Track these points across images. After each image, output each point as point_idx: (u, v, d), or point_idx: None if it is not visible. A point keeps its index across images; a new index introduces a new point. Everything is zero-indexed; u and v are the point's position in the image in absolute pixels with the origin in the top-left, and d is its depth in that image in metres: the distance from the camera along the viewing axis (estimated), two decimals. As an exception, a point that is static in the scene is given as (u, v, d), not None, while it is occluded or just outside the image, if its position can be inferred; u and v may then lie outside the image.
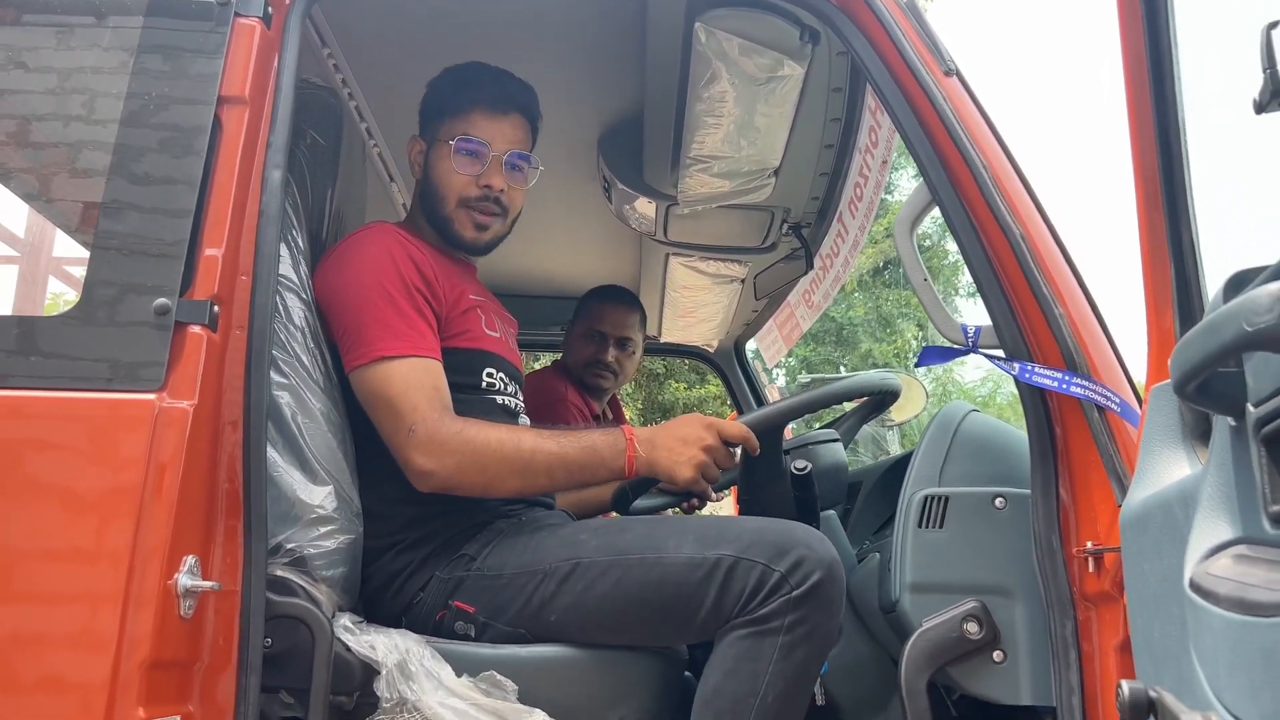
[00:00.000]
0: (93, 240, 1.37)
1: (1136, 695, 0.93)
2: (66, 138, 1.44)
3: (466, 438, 1.59)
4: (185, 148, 1.40)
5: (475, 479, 1.60)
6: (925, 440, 1.59)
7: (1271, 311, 0.71)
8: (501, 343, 1.85)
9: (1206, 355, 0.78)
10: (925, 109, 1.49)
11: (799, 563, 1.45)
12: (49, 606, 1.22)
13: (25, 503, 1.24)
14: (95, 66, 1.43)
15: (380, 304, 1.64)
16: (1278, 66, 0.91)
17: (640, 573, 1.52)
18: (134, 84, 1.42)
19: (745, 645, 1.44)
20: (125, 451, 1.27)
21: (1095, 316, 1.41)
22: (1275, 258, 0.84)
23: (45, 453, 1.27)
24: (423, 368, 1.63)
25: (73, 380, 1.30)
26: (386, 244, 1.70)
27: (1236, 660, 0.77)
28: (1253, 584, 0.77)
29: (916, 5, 1.53)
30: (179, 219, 1.37)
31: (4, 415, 1.28)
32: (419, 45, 2.13)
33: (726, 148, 2.10)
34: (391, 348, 1.62)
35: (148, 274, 1.34)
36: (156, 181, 1.39)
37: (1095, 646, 1.34)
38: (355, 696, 1.49)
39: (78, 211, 1.62)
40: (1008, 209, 1.42)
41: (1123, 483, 1.29)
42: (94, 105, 1.43)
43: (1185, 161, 1.18)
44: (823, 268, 2.70)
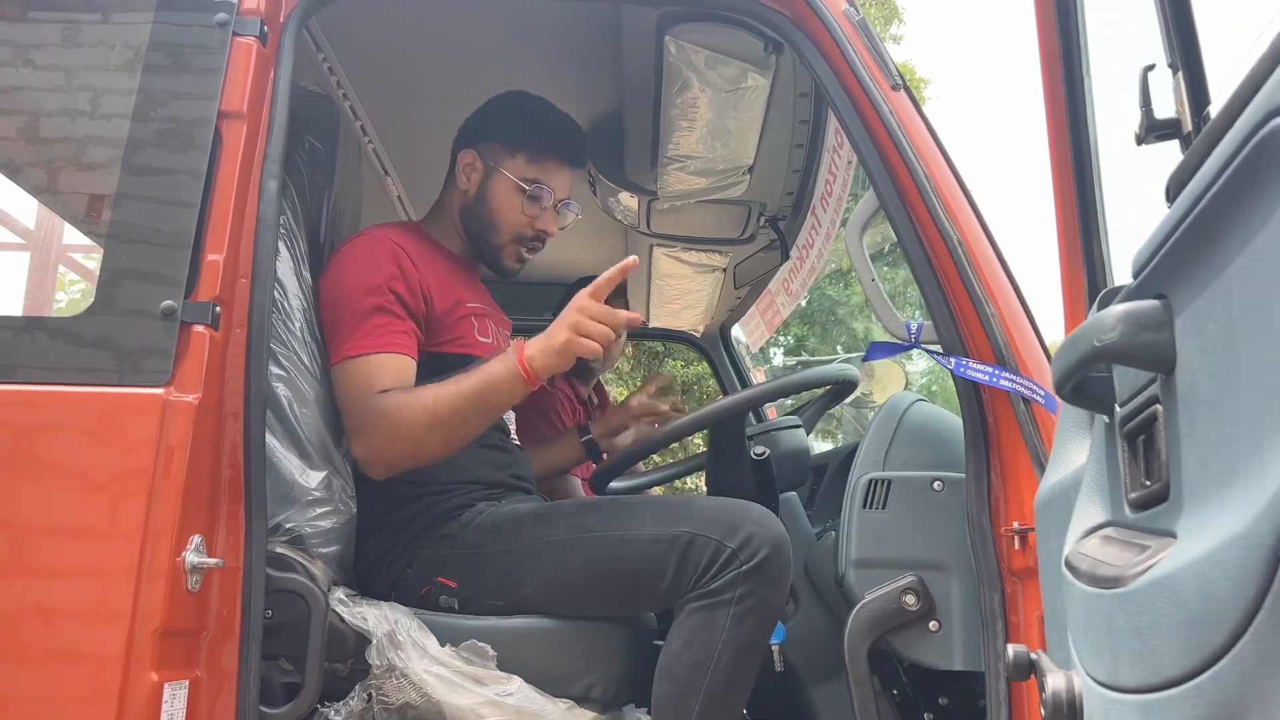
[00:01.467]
0: (104, 246, 1.49)
1: (1019, 657, 1.06)
2: (78, 150, 1.57)
3: (382, 412, 1.69)
4: (188, 160, 1.52)
5: (401, 448, 1.70)
6: (873, 427, 1.71)
7: (1114, 330, 0.83)
8: (492, 348, 1.93)
9: (1072, 363, 0.90)
10: (874, 121, 1.60)
11: (749, 539, 1.58)
12: (70, 580, 1.35)
13: (47, 487, 1.37)
14: (103, 87, 1.54)
15: (353, 307, 1.74)
16: (1152, 105, 1.02)
17: (607, 549, 1.65)
18: (139, 100, 1.54)
19: (700, 617, 1.57)
20: (137, 440, 1.39)
21: (1025, 315, 1.53)
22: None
23: (64, 442, 1.40)
24: (373, 363, 1.72)
25: (88, 375, 1.42)
26: (373, 252, 1.80)
27: (1088, 626, 0.90)
28: (1105, 561, 0.89)
29: (868, 24, 1.64)
30: (183, 227, 1.49)
31: (25, 407, 1.41)
32: (410, 48, 2.25)
33: (701, 148, 2.22)
34: (351, 348, 1.73)
35: (155, 278, 1.47)
36: (162, 191, 1.50)
37: (1021, 617, 1.47)
38: (349, 664, 1.62)
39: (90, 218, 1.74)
40: (947, 216, 1.53)
41: (1044, 468, 1.42)
42: (103, 120, 1.55)
43: (1097, 181, 1.30)
44: (799, 258, 2.82)
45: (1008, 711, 1.43)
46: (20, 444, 1.39)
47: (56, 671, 1.33)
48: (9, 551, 1.35)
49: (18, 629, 1.33)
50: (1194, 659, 0.72)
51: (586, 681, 1.65)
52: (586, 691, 1.64)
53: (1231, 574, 0.67)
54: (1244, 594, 0.66)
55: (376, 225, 1.94)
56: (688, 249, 2.94)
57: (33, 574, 1.35)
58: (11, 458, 1.38)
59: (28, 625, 1.33)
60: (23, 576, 1.35)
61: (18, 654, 1.32)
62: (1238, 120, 0.69)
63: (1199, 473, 0.77)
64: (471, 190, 1.98)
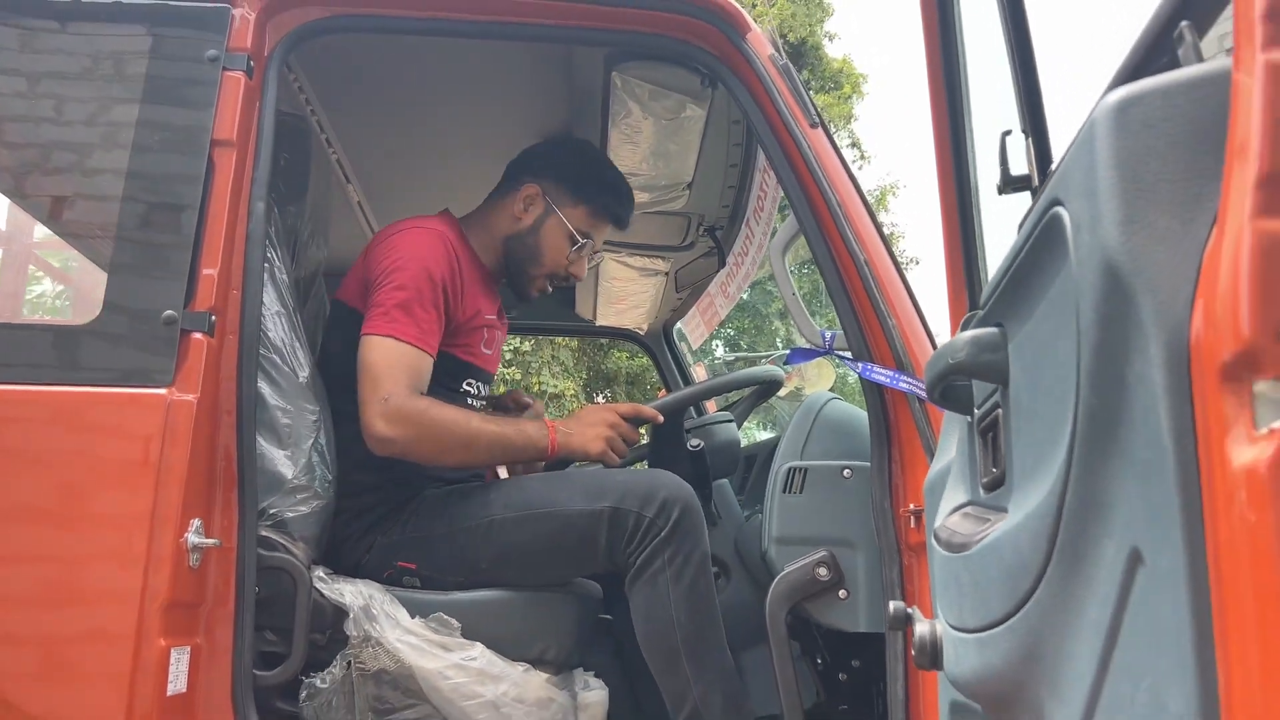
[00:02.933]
0: (110, 264, 1.67)
1: (897, 611, 1.30)
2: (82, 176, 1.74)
3: (429, 415, 1.89)
4: (185, 184, 1.69)
5: (428, 449, 1.90)
6: (793, 422, 1.95)
7: (963, 351, 1.06)
8: (491, 359, 2.15)
9: (935, 375, 1.14)
10: (794, 155, 1.83)
11: (663, 504, 1.81)
12: (87, 559, 1.54)
13: (64, 479, 1.55)
14: (109, 121, 1.71)
15: (410, 291, 1.92)
16: (1009, 165, 1.26)
17: (546, 524, 1.87)
18: (139, 131, 1.71)
19: (646, 591, 1.80)
20: (144, 436, 1.58)
21: (922, 326, 1.77)
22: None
23: (78, 438, 1.58)
24: (415, 355, 1.92)
25: (99, 377, 1.60)
26: (437, 245, 1.99)
27: (945, 584, 1.14)
28: (959, 532, 1.13)
29: (790, 67, 1.87)
30: (182, 244, 1.66)
31: (43, 406, 1.58)
32: (372, 66, 2.43)
33: (644, 167, 2.43)
34: (400, 330, 1.91)
35: (157, 290, 1.64)
36: (162, 213, 1.68)
37: (916, 586, 1.71)
38: (327, 635, 1.81)
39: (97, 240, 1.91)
40: (855, 240, 1.77)
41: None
42: (105, 150, 1.72)
43: (978, 218, 1.54)
44: (735, 264, 3.05)
45: (904, 666, 1.67)
46: (39, 439, 1.57)
47: (78, 638, 1.52)
48: (32, 535, 1.53)
49: (44, 602, 1.51)
50: (1011, 602, 0.96)
51: (540, 646, 1.87)
52: (541, 655, 1.86)
53: (1032, 537, 0.91)
54: (1039, 552, 0.89)
55: (431, 218, 2.10)
56: (632, 254, 3.15)
57: (53, 555, 1.53)
58: (31, 451, 1.56)
59: (53, 599, 1.51)
60: (45, 558, 1.53)
61: (45, 625, 1.51)
62: (1041, 198, 0.93)
63: (1021, 462, 1.01)
64: (526, 221, 2.15)
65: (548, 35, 1.95)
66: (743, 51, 1.85)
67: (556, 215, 2.13)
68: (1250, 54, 0.66)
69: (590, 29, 1.93)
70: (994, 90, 1.39)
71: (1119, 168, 0.72)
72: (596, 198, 2.15)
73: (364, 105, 2.60)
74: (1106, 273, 0.73)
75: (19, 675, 1.50)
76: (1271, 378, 0.62)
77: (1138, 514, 0.74)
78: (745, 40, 1.86)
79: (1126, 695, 0.76)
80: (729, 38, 1.87)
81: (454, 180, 3.02)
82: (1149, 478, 0.71)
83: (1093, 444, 0.79)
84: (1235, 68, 0.68)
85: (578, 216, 2.14)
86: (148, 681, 1.50)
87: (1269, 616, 0.60)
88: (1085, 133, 0.77)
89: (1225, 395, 0.64)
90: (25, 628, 1.51)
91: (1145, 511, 0.72)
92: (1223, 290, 0.64)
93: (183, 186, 1.69)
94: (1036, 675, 0.93)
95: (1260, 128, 0.65)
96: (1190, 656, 0.66)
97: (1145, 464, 0.72)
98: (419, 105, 2.55)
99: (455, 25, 1.92)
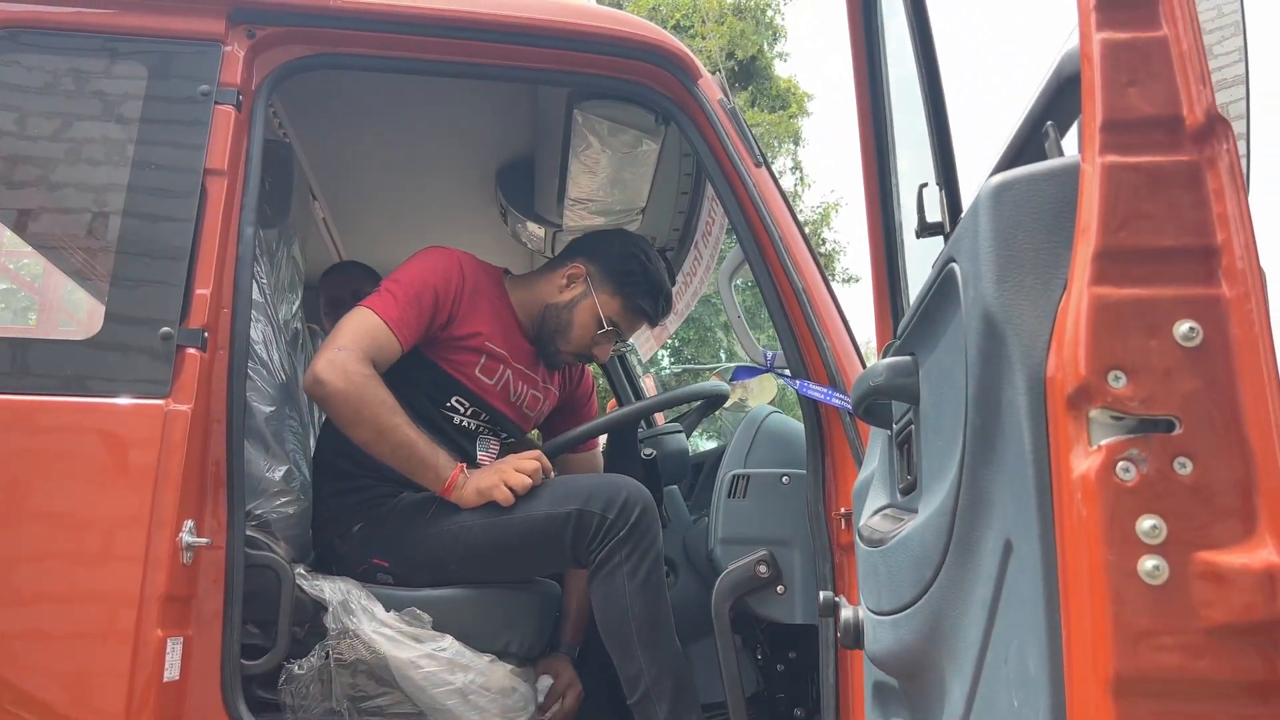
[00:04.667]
0: (109, 283, 1.80)
1: (827, 599, 1.49)
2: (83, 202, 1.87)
3: (364, 383, 1.99)
4: (180, 209, 1.82)
5: (345, 411, 2.00)
6: (737, 433, 2.14)
7: (882, 375, 1.25)
8: (492, 389, 2.23)
9: (858, 395, 1.33)
10: (740, 191, 2.01)
11: (623, 506, 1.97)
12: (90, 557, 1.67)
13: (70, 485, 1.68)
14: (108, 151, 1.84)
15: (403, 285, 2.10)
16: (925, 214, 1.46)
17: (512, 529, 2.02)
18: (135, 161, 1.83)
19: (604, 586, 1.97)
20: (143, 443, 1.71)
21: (854, 347, 1.96)
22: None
23: (84, 446, 1.71)
24: (384, 332, 2.06)
25: (101, 388, 1.73)
26: (442, 259, 2.18)
27: (865, 574, 1.33)
28: (879, 530, 1.32)
29: (737, 111, 2.06)
30: (177, 266, 1.80)
31: (50, 416, 1.71)
32: (346, 97, 2.57)
33: (601, 194, 2.61)
34: (381, 308, 2.07)
35: (154, 309, 1.78)
36: (159, 237, 1.81)
37: (847, 582, 1.90)
38: (306, 627, 1.95)
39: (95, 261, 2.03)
40: (795, 268, 1.95)
41: (863, 467, 1.85)
42: (107, 176, 1.85)
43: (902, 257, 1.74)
44: (684, 283, 3.23)
45: (834, 653, 1.86)
46: (46, 446, 1.70)
47: (83, 630, 1.65)
48: (40, 536, 1.66)
49: (52, 598, 1.64)
50: (918, 588, 1.15)
51: (505, 639, 2.03)
52: (505, 647, 2.02)
53: (934, 532, 1.10)
54: (939, 544, 1.08)
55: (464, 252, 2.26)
56: (586, 272, 3.32)
57: (59, 554, 1.66)
58: (39, 458, 1.69)
59: (60, 595, 1.64)
60: (51, 557, 1.66)
61: (53, 618, 1.64)
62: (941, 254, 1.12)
63: (928, 470, 1.20)
64: (565, 296, 2.30)
65: (515, 76, 2.12)
66: (694, 95, 2.04)
67: (593, 298, 2.28)
68: (1092, 154, 0.86)
69: (555, 70, 2.10)
70: (916, 144, 1.59)
71: (995, 237, 0.92)
72: (634, 295, 2.29)
73: (336, 129, 2.74)
74: (985, 319, 0.92)
75: (28, 665, 1.62)
76: (1100, 406, 0.81)
77: (1010, 511, 0.93)
78: (697, 85, 2.05)
79: (1001, 657, 0.95)
80: (682, 82, 2.04)
81: (421, 201, 3.17)
82: (1017, 482, 0.91)
83: (977, 455, 0.98)
84: (1082, 162, 0.88)
85: (613, 306, 2.29)
86: (146, 669, 1.63)
87: (1097, 589, 0.80)
88: (972, 207, 0.96)
89: (1069, 419, 0.83)
90: (34, 621, 1.64)
91: (1015, 508, 0.92)
92: (1068, 338, 0.84)
93: (178, 212, 1.82)
94: (939, 648, 1.12)
95: (1098, 213, 0.85)
96: (1043, 622, 0.85)
97: (1014, 471, 0.91)
98: (390, 129, 2.70)
99: (428, 65, 2.08)
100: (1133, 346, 0.81)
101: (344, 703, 1.93)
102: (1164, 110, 0.85)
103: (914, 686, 1.26)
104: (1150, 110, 0.85)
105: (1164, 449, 0.79)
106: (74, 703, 1.62)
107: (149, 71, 1.88)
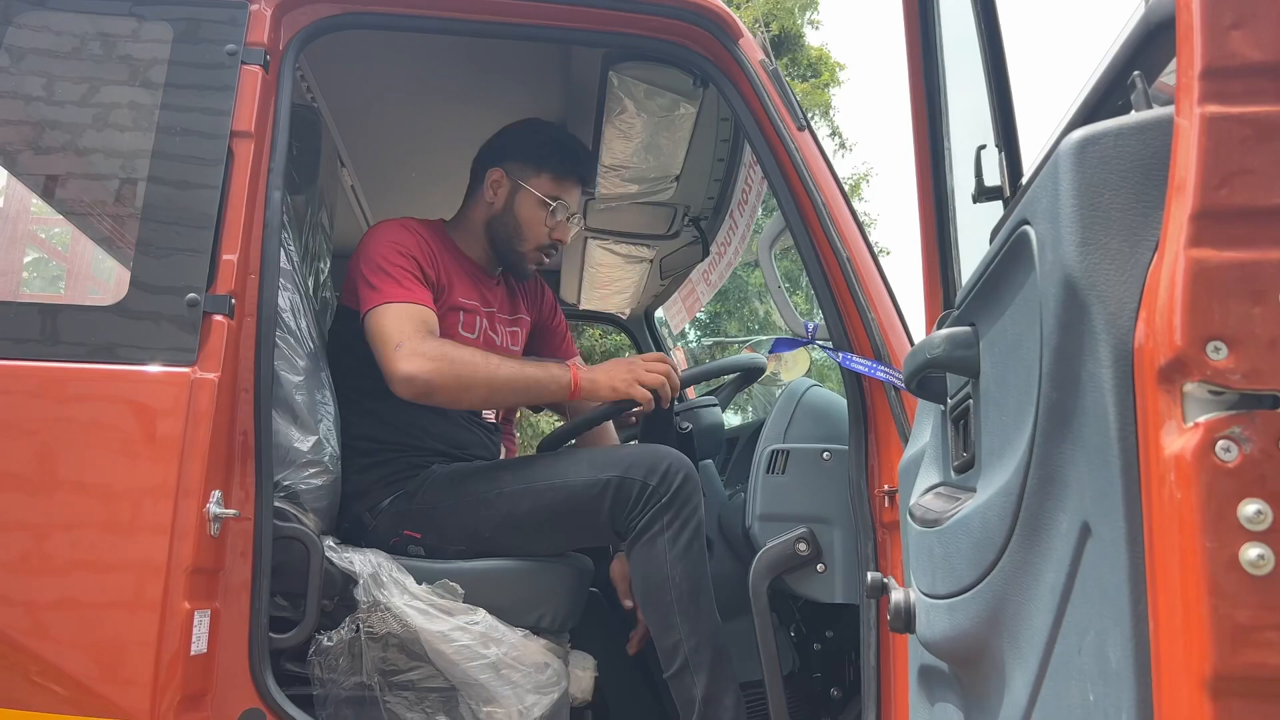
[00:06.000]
0: (134, 248, 1.75)
1: (874, 580, 1.43)
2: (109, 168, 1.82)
3: (448, 351, 2.00)
4: (206, 174, 1.78)
5: (450, 384, 1.98)
6: (776, 407, 2.07)
7: (939, 347, 1.19)
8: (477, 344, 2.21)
9: (913, 368, 1.26)
10: (782, 156, 1.94)
11: (665, 472, 1.93)
12: (117, 527, 1.63)
13: (94, 455, 1.64)
14: (132, 112, 1.80)
15: (386, 265, 2.06)
16: (983, 176, 1.38)
17: (551, 495, 1.99)
18: (161, 123, 1.79)
19: (645, 552, 1.92)
20: (169, 412, 1.67)
21: (899, 319, 1.89)
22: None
23: (109, 414, 1.67)
24: (412, 308, 2.04)
25: (126, 356, 1.69)
26: (397, 229, 2.15)
27: (918, 555, 1.27)
28: (933, 509, 1.26)
29: (779, 72, 1.98)
30: (204, 231, 1.75)
31: (72, 384, 1.67)
32: (376, 62, 2.51)
33: (635, 160, 2.54)
34: (388, 295, 2.04)
35: (181, 275, 1.73)
36: (185, 201, 1.77)
37: (889, 560, 1.84)
38: (335, 600, 1.92)
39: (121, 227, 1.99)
40: (839, 237, 1.88)
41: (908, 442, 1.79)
42: (131, 138, 1.80)
43: (953, 223, 1.66)
44: (718, 254, 3.17)
45: (876, 634, 1.81)
46: (69, 415, 1.66)
47: (110, 602, 1.62)
48: (63, 506, 1.62)
49: (77, 568, 1.61)
50: (978, 571, 1.08)
51: (538, 613, 1.98)
52: (538, 622, 1.98)
53: (998, 513, 1.03)
54: (1004, 525, 1.02)
55: (406, 218, 2.24)
56: (619, 242, 3.26)
57: (84, 523, 1.63)
58: (61, 427, 1.65)
59: (85, 565, 1.61)
60: (75, 527, 1.62)
61: (78, 590, 1.60)
62: (1013, 213, 1.05)
63: (989, 447, 1.13)
64: (498, 204, 2.29)
65: (549, 36, 2.05)
66: (735, 56, 1.96)
67: (524, 189, 2.26)
68: (1189, 105, 0.79)
69: (590, 30, 2.03)
70: (971, 105, 1.51)
71: (1078, 197, 0.84)
72: (554, 162, 2.27)
73: (364, 95, 2.68)
74: (1065, 286, 0.85)
75: (55, 637, 1.59)
76: (1197, 380, 0.74)
77: (1088, 492, 0.86)
78: (738, 45, 1.97)
79: (1074, 648, 0.89)
80: (722, 42, 1.97)
81: (451, 168, 3.11)
82: (1097, 462, 0.84)
83: (1051, 432, 0.92)
84: (1177, 115, 0.80)
85: (543, 184, 2.26)
86: (173, 642, 1.60)
87: (1190, 577, 0.73)
88: (1050, 165, 0.89)
89: (1161, 394, 0.76)
90: (59, 592, 1.61)
91: (1094, 490, 0.85)
92: (1161, 306, 0.77)
93: (204, 175, 1.78)
94: (999, 635, 1.06)
95: (1196, 169, 0.77)
96: (1128, 612, 0.78)
97: (1095, 450, 0.84)
98: (419, 94, 2.64)
99: (460, 24, 2.02)
100: (1234, 315, 0.74)
101: (374, 676, 1.89)
102: (1272, 55, 0.77)
103: (969, 673, 1.20)
104: (1256, 56, 0.77)
105: (1270, 427, 0.72)
106: (100, 676, 1.59)
107: (174, 31, 1.83)
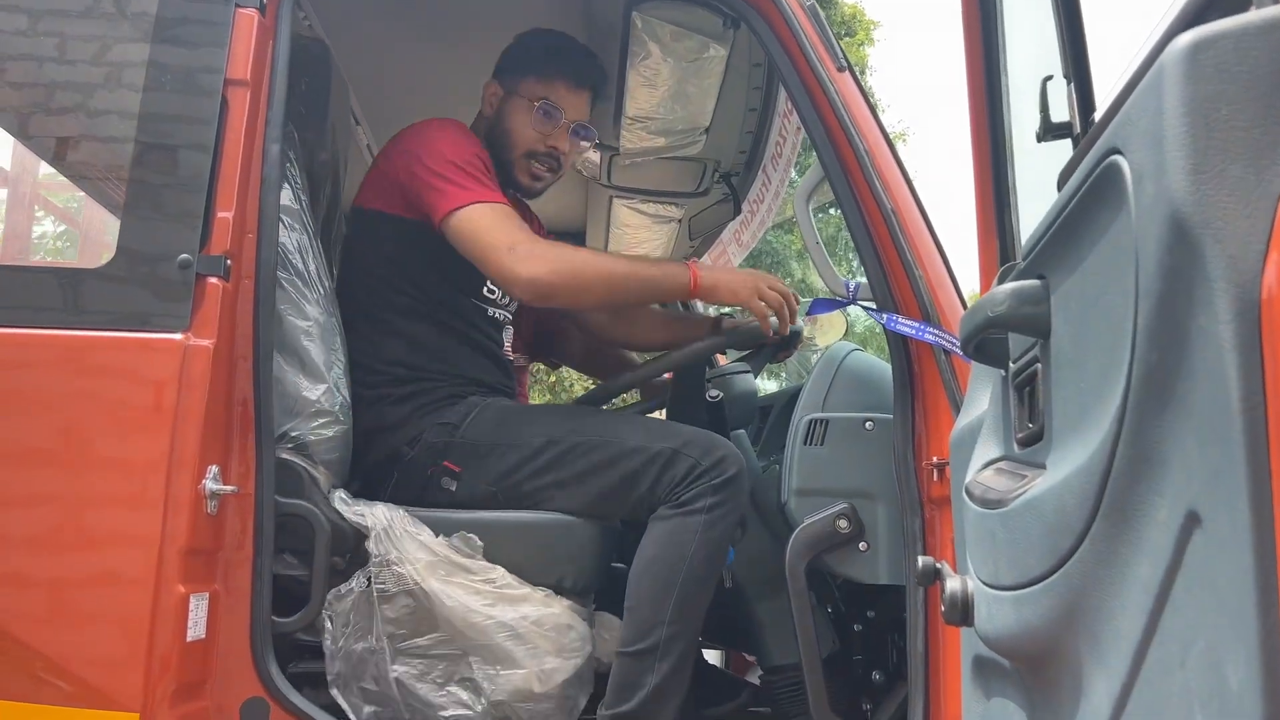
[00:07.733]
0: (123, 207, 1.63)
1: (926, 566, 1.28)
2: (94, 121, 1.70)
3: (562, 252, 1.92)
4: (198, 126, 1.66)
5: (571, 284, 1.90)
6: (814, 373, 1.93)
7: (1004, 304, 1.04)
8: None
9: (972, 328, 1.11)
10: (820, 99, 1.78)
11: (722, 459, 1.81)
12: (106, 505, 1.53)
13: (80, 424, 1.54)
14: (118, 60, 1.67)
15: (459, 166, 1.93)
16: (1049, 111, 1.22)
17: (599, 453, 1.86)
18: (150, 71, 1.67)
19: (674, 523, 1.79)
20: (160, 381, 1.56)
21: (949, 276, 1.74)
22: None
23: (93, 383, 1.56)
24: (506, 210, 1.93)
25: (113, 322, 1.58)
26: (457, 130, 2.03)
27: (978, 540, 1.12)
28: (993, 487, 1.11)
29: (817, 9, 1.82)
30: (196, 187, 1.63)
31: (55, 351, 1.56)
32: (390, 8, 2.37)
33: (661, 111, 2.38)
34: (476, 196, 1.91)
35: (172, 234, 1.62)
36: (176, 155, 1.65)
37: (938, 539, 1.70)
38: (347, 557, 1.79)
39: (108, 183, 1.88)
40: (883, 187, 1.73)
41: (960, 411, 1.64)
42: (116, 91, 1.68)
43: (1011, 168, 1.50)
44: (750, 212, 3.01)
45: (924, 618, 1.67)
46: (52, 383, 1.55)
47: (98, 583, 1.52)
48: (51, 481, 1.52)
49: (62, 547, 1.50)
50: (1051, 561, 0.94)
51: (559, 573, 1.84)
52: (559, 582, 1.83)
53: (1077, 495, 0.89)
54: (1085, 510, 0.87)
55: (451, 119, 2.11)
56: (646, 201, 3.11)
57: (73, 500, 1.52)
58: (44, 396, 1.54)
59: (71, 544, 1.51)
60: (64, 502, 1.52)
61: (63, 569, 1.50)
62: (1095, 144, 0.89)
63: (1062, 418, 0.98)
64: (491, 114, 2.18)
65: (568, -26, 1.90)
66: (769, -8, 1.80)
67: (513, 95, 2.15)
68: (1338, -6, 0.63)
69: (611, -33, 1.87)
70: (1031, 34, 1.35)
71: (1189, 114, 0.69)
72: (540, 63, 2.15)
73: (375, 41, 2.54)
74: (1172, 224, 0.70)
75: (39, 621, 1.50)
76: (1351, 336, 0.59)
77: (1195, 474, 0.72)
78: (771, -20, 1.81)
79: (1175, 657, 0.75)
80: (754, -23, 1.81)
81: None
82: (1210, 438, 0.69)
83: (1147, 401, 0.77)
84: (1319, 8, 0.64)
85: (529, 87, 2.14)
86: (167, 627, 1.50)
87: (1340, 583, 0.59)
88: (1152, 77, 0.73)
89: (1299, 354, 0.61)
90: (43, 572, 1.51)
91: (1204, 472, 0.70)
92: (1300, 244, 0.62)
93: (196, 127, 1.66)
94: (1076, 634, 0.92)
95: (1347, 73, 0.62)
96: (1254, 624, 0.64)
97: (1206, 423, 0.69)
98: (433, 42, 2.50)
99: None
100: (1399, 255, 0.59)
101: (383, 641, 1.77)
102: None
103: (1036, 674, 1.06)
104: None
105: None
106: (90, 664, 1.50)
107: (162, -30, 1.70)
